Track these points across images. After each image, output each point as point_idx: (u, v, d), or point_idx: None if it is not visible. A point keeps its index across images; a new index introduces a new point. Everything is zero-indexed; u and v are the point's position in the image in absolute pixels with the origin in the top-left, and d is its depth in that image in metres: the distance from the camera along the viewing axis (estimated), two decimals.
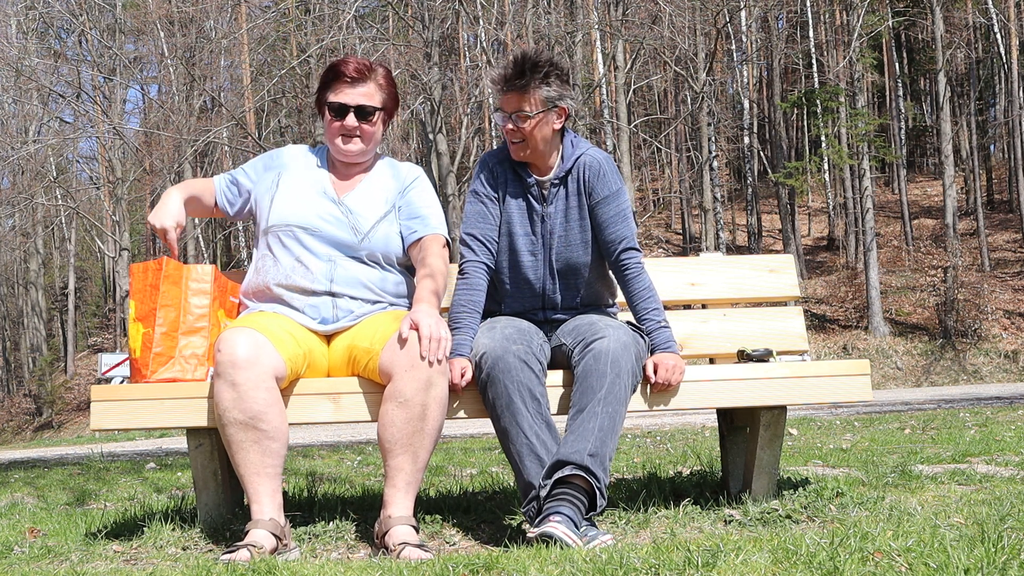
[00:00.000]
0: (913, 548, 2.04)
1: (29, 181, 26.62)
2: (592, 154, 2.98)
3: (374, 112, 2.92)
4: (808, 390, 2.86)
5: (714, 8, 21.74)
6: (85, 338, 39.67)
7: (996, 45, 32.39)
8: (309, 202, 2.89)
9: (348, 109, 2.89)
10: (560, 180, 2.96)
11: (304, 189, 2.92)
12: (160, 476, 6.03)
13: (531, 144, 2.89)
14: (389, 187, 2.99)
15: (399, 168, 3.06)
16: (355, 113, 2.90)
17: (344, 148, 2.93)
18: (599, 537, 2.46)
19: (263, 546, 2.46)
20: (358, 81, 2.90)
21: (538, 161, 2.96)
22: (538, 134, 2.88)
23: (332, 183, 2.96)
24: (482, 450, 7.03)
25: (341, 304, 2.83)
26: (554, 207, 2.97)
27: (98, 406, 2.72)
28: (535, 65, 2.84)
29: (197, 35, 23.62)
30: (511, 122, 2.88)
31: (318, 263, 2.83)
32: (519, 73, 2.84)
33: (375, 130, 2.93)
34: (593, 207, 2.95)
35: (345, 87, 2.91)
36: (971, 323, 26.90)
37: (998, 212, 37.00)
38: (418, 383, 2.56)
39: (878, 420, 8.70)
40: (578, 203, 2.96)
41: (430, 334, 2.57)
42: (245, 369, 2.55)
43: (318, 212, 2.87)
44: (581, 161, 2.97)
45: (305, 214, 2.86)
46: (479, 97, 23.56)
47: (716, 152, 29.04)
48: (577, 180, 2.96)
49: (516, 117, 2.86)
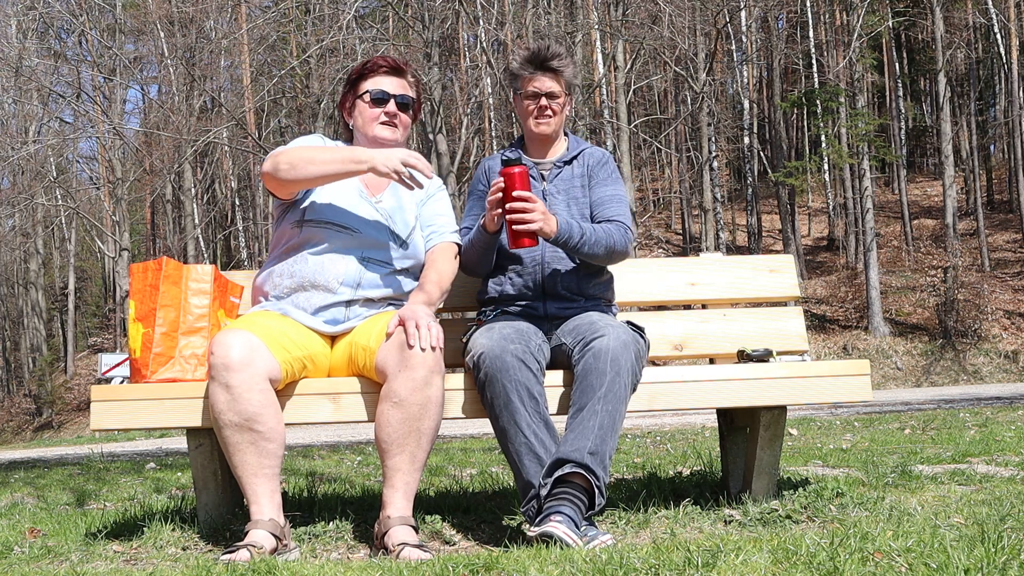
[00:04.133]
0: (913, 548, 2.04)
1: (29, 181, 26.60)
2: (598, 149, 3.20)
3: (411, 103, 3.00)
4: (808, 390, 2.86)
5: (714, 8, 21.74)
6: (85, 338, 39.69)
7: (996, 45, 32.38)
8: (348, 202, 2.89)
9: (390, 97, 2.96)
10: (565, 163, 3.12)
11: (340, 187, 2.91)
12: (160, 476, 6.03)
13: (555, 123, 3.09)
14: (413, 195, 3.00)
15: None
16: (397, 102, 2.96)
17: (384, 136, 2.96)
18: (599, 537, 2.46)
19: (263, 546, 2.46)
20: (396, 74, 2.99)
21: (548, 143, 3.14)
22: (562, 115, 3.11)
23: (364, 184, 2.96)
24: (482, 450, 7.03)
25: (355, 308, 2.83)
26: (555, 187, 3.08)
27: (98, 406, 2.72)
28: (559, 54, 3.08)
29: (197, 35, 23.61)
30: (543, 99, 3.05)
31: (350, 263, 2.82)
32: (553, 54, 3.06)
33: (408, 123, 3.01)
34: (592, 187, 3.10)
35: (383, 77, 2.97)
36: (971, 323, 26.89)
37: (998, 212, 36.99)
38: (414, 383, 2.56)
39: (878, 420, 8.69)
40: (581, 186, 3.10)
41: (416, 322, 2.58)
42: (238, 371, 2.54)
43: (358, 213, 2.87)
44: (588, 152, 3.16)
45: (344, 214, 2.86)
46: (479, 97, 23.57)
47: (716, 152, 29.04)
48: (583, 165, 3.13)
49: (551, 94, 3.06)
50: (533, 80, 3.06)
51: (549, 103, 3.06)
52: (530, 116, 3.09)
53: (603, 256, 2.96)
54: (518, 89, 3.11)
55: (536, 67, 3.07)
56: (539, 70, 3.06)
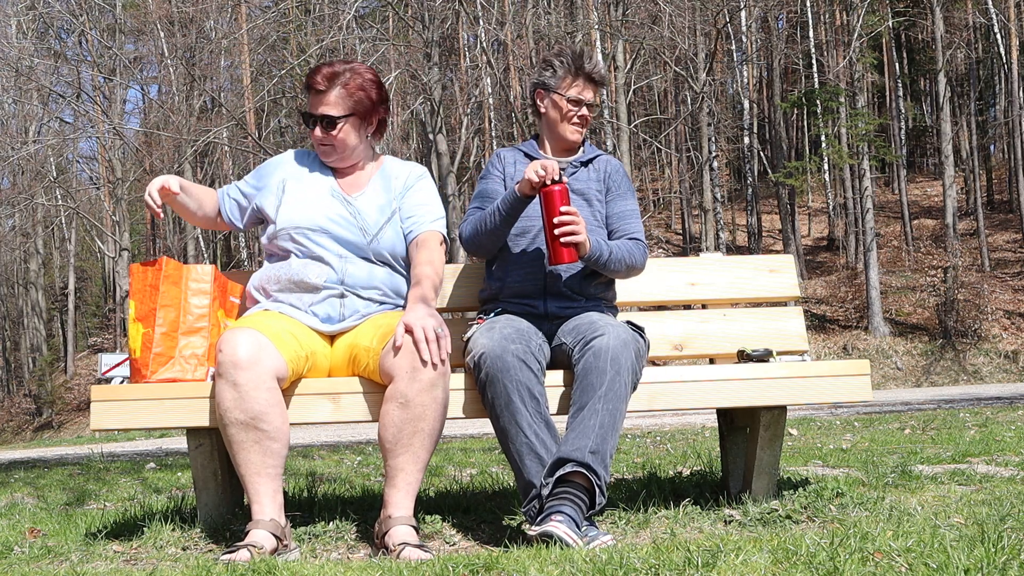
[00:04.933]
0: (913, 548, 2.04)
1: (29, 181, 26.61)
2: (612, 157, 3.25)
3: (337, 121, 2.89)
4: (808, 390, 2.86)
5: (714, 8, 21.73)
6: (85, 338, 39.68)
7: (996, 45, 32.38)
8: (318, 204, 2.90)
9: (315, 120, 2.91)
10: (582, 164, 3.14)
11: (312, 192, 2.93)
12: (160, 476, 6.03)
13: (583, 130, 3.15)
14: (394, 187, 3.00)
15: (403, 168, 3.07)
16: (321, 124, 2.91)
17: (325, 160, 2.98)
18: (599, 537, 2.46)
19: (263, 546, 2.46)
20: (324, 91, 2.90)
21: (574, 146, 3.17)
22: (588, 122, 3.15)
23: (340, 184, 2.97)
24: (482, 450, 7.03)
25: (348, 303, 2.84)
26: (570, 185, 3.06)
27: (98, 406, 2.72)
28: (600, 65, 3.13)
29: (197, 35, 23.63)
30: (583, 107, 3.09)
31: (329, 261, 2.83)
32: (597, 65, 3.11)
33: (344, 137, 2.91)
34: (610, 201, 3.12)
35: (314, 98, 2.92)
36: (971, 323, 26.89)
37: (998, 212, 36.99)
38: (420, 384, 2.56)
39: (878, 420, 8.69)
40: (597, 190, 3.11)
41: (425, 336, 2.57)
42: (246, 369, 2.55)
43: (327, 213, 2.88)
44: (604, 158, 3.19)
45: (313, 215, 2.87)
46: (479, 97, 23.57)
47: (716, 152, 29.04)
48: (600, 171, 3.15)
49: (590, 106, 3.12)
50: (577, 85, 3.08)
51: (588, 113, 3.11)
52: (567, 121, 3.11)
53: (623, 272, 3.02)
54: (555, 88, 3.09)
55: (582, 74, 3.09)
56: (586, 79, 3.09)
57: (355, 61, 3.06)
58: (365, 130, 2.97)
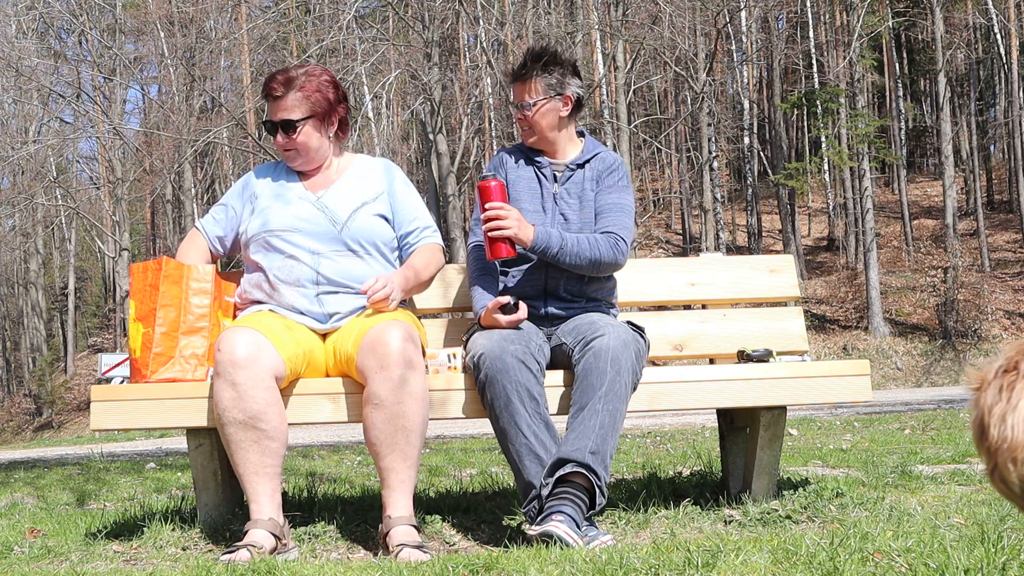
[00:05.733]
0: (913, 548, 2.04)
1: (29, 181, 26.59)
2: (611, 154, 3.17)
3: (296, 124, 2.89)
4: (808, 390, 2.86)
5: (714, 8, 21.72)
6: (85, 338, 39.67)
7: (996, 45, 32.37)
8: (287, 207, 2.90)
9: (275, 126, 2.92)
10: (579, 165, 3.08)
11: (281, 197, 2.93)
12: (160, 476, 6.03)
13: (536, 130, 3.04)
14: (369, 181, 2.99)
15: (370, 164, 3.06)
16: (281, 129, 2.91)
17: (291, 167, 2.99)
18: (599, 537, 2.46)
19: (263, 546, 2.46)
20: (281, 96, 2.90)
21: (548, 148, 3.10)
22: (542, 120, 3.02)
23: (306, 185, 2.97)
24: (482, 450, 7.03)
25: (328, 300, 2.83)
26: (567, 189, 3.05)
27: (98, 406, 2.72)
28: (536, 56, 3.02)
29: (197, 35, 23.62)
30: (519, 111, 3.04)
31: (303, 259, 2.82)
32: (522, 65, 3.03)
33: (306, 140, 2.91)
34: (598, 194, 3.06)
35: (272, 105, 2.93)
36: (971, 323, 26.89)
37: (998, 212, 36.97)
38: (391, 383, 2.57)
39: (878, 420, 8.69)
40: (591, 190, 3.07)
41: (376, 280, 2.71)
42: (245, 368, 2.55)
43: (295, 214, 2.88)
44: (601, 156, 3.12)
45: (281, 217, 2.87)
46: (479, 97, 23.58)
47: (716, 152, 29.02)
48: (595, 168, 3.09)
49: (522, 105, 3.02)
50: (515, 91, 3.07)
51: (524, 113, 3.02)
52: (519, 126, 3.11)
53: (587, 267, 2.91)
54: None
55: (511, 78, 3.08)
56: (513, 81, 3.07)
57: (310, 64, 3.09)
58: (326, 130, 2.96)
